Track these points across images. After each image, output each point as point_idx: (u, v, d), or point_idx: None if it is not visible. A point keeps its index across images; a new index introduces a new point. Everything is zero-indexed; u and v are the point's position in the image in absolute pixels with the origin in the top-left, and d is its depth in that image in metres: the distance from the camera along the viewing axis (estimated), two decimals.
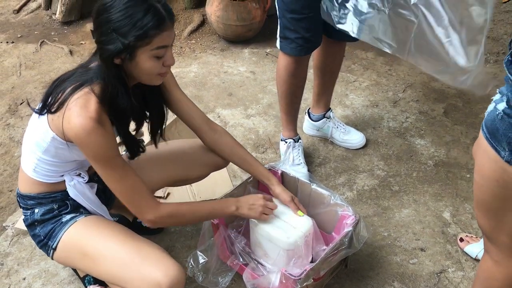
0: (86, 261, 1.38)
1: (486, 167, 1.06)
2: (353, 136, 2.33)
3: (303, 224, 1.58)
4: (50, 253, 1.42)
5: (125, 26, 1.17)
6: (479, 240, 1.77)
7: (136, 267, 1.31)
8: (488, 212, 1.13)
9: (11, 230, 1.91)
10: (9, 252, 1.82)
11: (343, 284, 1.68)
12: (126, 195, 1.34)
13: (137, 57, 1.22)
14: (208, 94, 2.80)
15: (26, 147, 1.39)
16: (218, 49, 3.35)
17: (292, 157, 2.16)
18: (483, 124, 1.04)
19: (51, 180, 1.39)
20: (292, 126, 2.17)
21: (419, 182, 2.13)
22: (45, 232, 1.41)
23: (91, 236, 1.37)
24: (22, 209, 1.47)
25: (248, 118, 2.59)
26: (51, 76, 3.03)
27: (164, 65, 1.28)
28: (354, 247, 1.53)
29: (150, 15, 1.17)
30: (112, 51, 1.20)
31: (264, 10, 3.30)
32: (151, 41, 1.20)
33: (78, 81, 1.26)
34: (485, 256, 1.22)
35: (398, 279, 1.70)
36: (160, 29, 1.19)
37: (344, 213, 1.62)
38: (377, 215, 1.97)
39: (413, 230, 1.90)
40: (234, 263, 1.62)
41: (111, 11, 1.18)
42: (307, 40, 1.89)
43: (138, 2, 1.18)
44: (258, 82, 2.90)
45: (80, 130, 1.21)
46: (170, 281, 1.28)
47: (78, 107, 1.21)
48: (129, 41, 1.18)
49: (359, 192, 2.09)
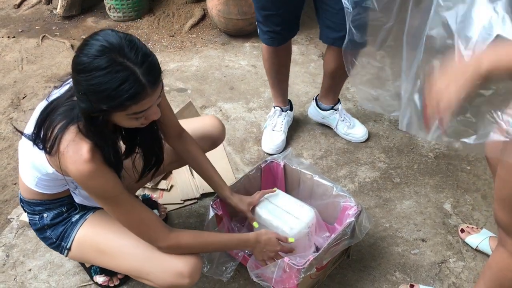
0: (104, 258, 1.40)
1: None
2: (357, 130, 2.36)
3: (306, 215, 1.60)
4: (65, 252, 1.43)
5: (97, 95, 1.03)
6: (479, 231, 1.79)
7: (156, 259, 1.34)
8: (510, 207, 1.12)
9: (16, 223, 1.92)
10: (14, 244, 1.84)
11: (346, 274, 1.70)
12: (134, 229, 1.30)
13: (113, 118, 1.12)
14: (209, 88, 2.81)
15: (24, 163, 1.34)
16: (219, 43, 3.35)
17: (274, 123, 2.34)
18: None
19: (54, 191, 1.37)
20: (280, 98, 2.35)
21: (420, 174, 2.15)
22: (57, 234, 1.41)
23: (104, 232, 1.37)
24: (27, 213, 1.45)
25: (249, 111, 2.60)
26: (53, 71, 3.04)
27: (146, 119, 1.16)
28: (356, 238, 1.54)
29: (127, 85, 1.02)
30: (85, 110, 1.09)
31: None
32: (126, 109, 1.07)
33: (65, 117, 1.17)
34: (499, 248, 1.22)
35: (399, 269, 1.72)
36: (138, 99, 1.05)
37: (346, 204, 1.63)
38: (378, 207, 1.98)
39: (414, 221, 1.92)
40: (238, 254, 1.64)
41: (82, 75, 1.03)
42: (278, 33, 2.02)
43: (115, 69, 1.01)
44: (260, 76, 2.91)
45: (79, 176, 1.16)
46: (191, 269, 1.33)
47: (71, 152, 1.14)
48: (101, 108, 1.06)
49: (361, 184, 2.11)
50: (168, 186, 2.05)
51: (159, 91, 1.11)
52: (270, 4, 1.90)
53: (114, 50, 1.02)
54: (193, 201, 2.02)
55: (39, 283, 1.69)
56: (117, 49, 1.02)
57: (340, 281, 1.68)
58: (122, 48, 1.02)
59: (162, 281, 1.34)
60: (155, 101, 1.11)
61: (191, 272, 1.33)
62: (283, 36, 2.05)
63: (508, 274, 1.21)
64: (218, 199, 1.63)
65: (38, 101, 2.64)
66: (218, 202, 1.63)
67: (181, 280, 1.33)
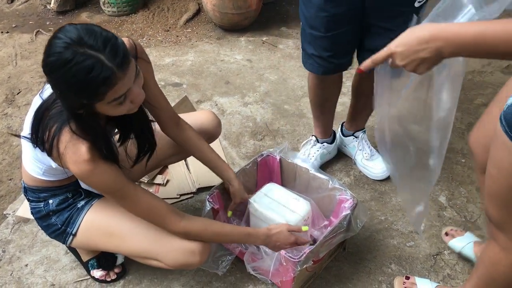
0: (112, 241, 1.42)
1: (505, 160, 1.04)
2: (376, 165, 2.10)
3: (302, 208, 1.60)
4: (69, 239, 1.45)
5: (72, 90, 1.03)
6: (463, 234, 1.76)
7: (167, 239, 1.37)
8: (502, 203, 1.12)
9: (12, 218, 1.92)
10: (10, 240, 1.84)
11: (342, 267, 1.71)
12: (145, 217, 1.33)
13: (97, 108, 1.11)
14: (205, 83, 2.81)
15: (28, 157, 1.35)
16: (214, 37, 3.35)
17: (307, 153, 2.12)
18: (501, 118, 1.02)
19: (61, 177, 1.39)
20: (319, 128, 2.12)
21: None
22: (62, 220, 1.43)
23: (112, 215, 1.39)
24: (31, 202, 1.45)
25: (245, 106, 2.60)
26: None
27: (132, 102, 1.14)
28: (352, 230, 1.55)
29: (94, 72, 1.00)
30: (69, 107, 1.11)
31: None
32: (103, 97, 1.05)
33: (57, 120, 1.17)
34: (491, 243, 1.23)
35: (395, 261, 1.73)
36: (110, 84, 1.03)
37: (342, 197, 1.64)
38: (374, 200, 1.99)
39: None
40: (234, 248, 1.64)
41: (53, 74, 1.03)
42: (325, 60, 1.74)
43: (80, 59, 0.99)
44: (255, 70, 2.91)
45: (81, 175, 1.18)
46: (202, 247, 1.37)
47: (70, 153, 1.15)
48: (79, 102, 1.07)
49: (356, 177, 2.12)
50: (164, 180, 2.05)
51: (132, 73, 1.08)
52: (319, 25, 1.64)
53: (75, 42, 1.01)
54: (189, 195, 2.02)
55: (36, 278, 1.69)
56: (77, 40, 1.01)
57: (336, 274, 1.69)
58: (81, 38, 1.01)
59: (173, 260, 1.37)
60: (132, 84, 1.09)
61: (202, 250, 1.37)
62: (332, 64, 1.75)
63: (500, 268, 1.22)
64: (215, 192, 1.63)
65: (33, 96, 2.64)
66: (214, 195, 1.63)
67: (192, 258, 1.37)
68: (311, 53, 1.76)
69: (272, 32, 3.40)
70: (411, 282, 1.58)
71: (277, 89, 2.72)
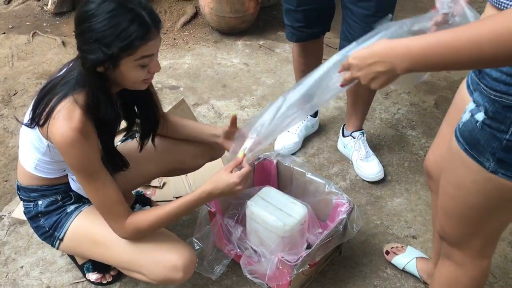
0: (97, 249, 1.40)
1: (466, 179, 1.03)
2: (370, 166, 2.12)
3: (298, 212, 1.60)
4: (56, 243, 1.44)
5: (109, 37, 1.10)
6: (404, 250, 1.74)
7: (150, 252, 1.35)
8: (461, 221, 1.11)
9: (7, 220, 1.91)
10: (6, 241, 1.83)
11: (338, 271, 1.72)
12: (99, 207, 1.30)
13: (121, 66, 1.16)
14: (202, 86, 2.82)
15: (23, 146, 1.37)
16: (212, 41, 3.35)
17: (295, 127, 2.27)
18: (458, 136, 1.01)
19: (53, 175, 1.39)
20: None
21: (411, 172, 2.18)
22: (50, 223, 1.42)
23: (100, 223, 1.36)
24: (23, 201, 1.47)
25: (242, 109, 2.61)
26: (44, 67, 3.02)
27: (149, 72, 1.23)
28: (349, 234, 1.56)
29: (135, 25, 1.10)
30: (94, 61, 1.14)
31: (257, 2, 3.31)
32: (135, 51, 1.13)
33: (62, 90, 1.21)
34: (445, 262, 1.22)
35: (390, 265, 1.74)
36: (146, 39, 1.13)
37: (338, 201, 1.65)
38: (369, 204, 2.01)
39: (405, 218, 1.94)
40: (230, 252, 1.65)
41: (93, 20, 1.10)
42: (296, 29, 2.02)
43: (123, 11, 1.10)
44: (252, 74, 2.92)
45: (61, 140, 1.17)
46: (185, 263, 1.34)
47: (61, 118, 1.17)
48: (112, 51, 1.11)
49: (352, 181, 2.13)
50: (160, 183, 2.05)
51: (160, 39, 1.19)
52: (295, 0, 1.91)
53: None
54: None
55: (31, 280, 1.68)
56: None
57: (332, 278, 1.70)
58: None
59: (155, 274, 1.35)
60: (157, 49, 1.19)
61: (185, 265, 1.34)
62: (303, 33, 2.03)
63: (459, 286, 1.21)
64: None
65: (29, 98, 2.63)
66: None
67: (175, 273, 1.34)
68: (287, 23, 2.05)
69: (269, 36, 3.41)
70: None
71: (274, 93, 2.73)
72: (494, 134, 0.92)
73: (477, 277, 1.19)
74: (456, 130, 1.03)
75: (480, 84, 0.96)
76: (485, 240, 1.13)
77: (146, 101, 1.43)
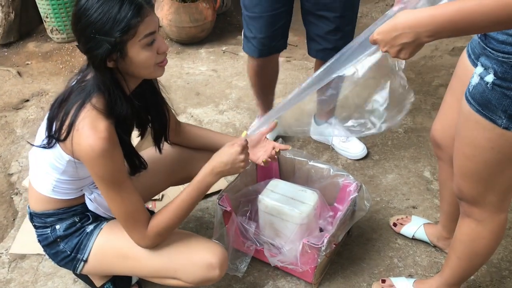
0: (127, 262, 1.37)
1: (480, 137, 1.11)
2: (353, 145, 2.24)
3: (311, 198, 1.65)
4: (80, 266, 1.39)
5: (106, 24, 1.10)
6: (410, 220, 1.83)
7: (183, 253, 1.34)
8: (478, 179, 1.19)
9: (6, 257, 1.82)
10: (10, 279, 1.74)
11: (352, 250, 1.78)
12: (123, 218, 1.28)
13: (129, 52, 1.15)
14: (176, 96, 2.80)
15: (38, 170, 1.33)
16: (174, 52, 3.34)
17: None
18: (469, 99, 1.10)
19: (70, 196, 1.35)
20: (263, 111, 2.26)
21: (396, 149, 2.29)
22: (71, 246, 1.37)
23: (124, 237, 1.33)
24: (37, 228, 1.40)
25: (221, 113, 2.63)
26: (4, 100, 2.88)
27: (158, 52, 1.20)
28: (362, 210, 1.62)
29: (126, 5, 1.10)
30: (102, 55, 1.13)
31: (214, 9, 3.35)
32: (136, 31, 1.12)
33: (79, 99, 1.20)
34: (465, 220, 1.30)
35: (400, 236, 1.82)
36: (141, 15, 1.12)
37: (346, 181, 1.71)
38: (365, 183, 2.07)
39: (402, 191, 2.04)
40: (249, 248, 1.66)
41: (87, 13, 1.11)
42: (260, 41, 1.89)
43: None
44: (222, 79, 2.95)
45: (91, 152, 1.15)
46: (220, 260, 1.34)
47: (86, 128, 1.16)
48: (115, 38, 1.11)
49: (344, 165, 2.20)
50: (160, 195, 2.03)
51: (155, 15, 1.18)
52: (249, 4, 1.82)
53: None
54: None
55: None
56: None
57: (349, 257, 1.75)
58: None
59: (192, 276, 1.34)
60: (157, 26, 1.18)
61: (220, 262, 1.34)
62: (267, 47, 1.92)
63: (481, 241, 1.29)
64: (224, 195, 1.64)
65: None
66: (224, 198, 1.64)
67: (211, 272, 1.33)
68: (250, 36, 1.91)
69: (229, 41, 3.46)
70: (388, 285, 1.60)
71: (249, 94, 2.77)
72: (504, 92, 1.02)
73: (496, 231, 1.28)
74: (466, 94, 1.12)
75: (487, 48, 1.05)
76: (501, 196, 1.22)
77: (154, 95, 1.43)
